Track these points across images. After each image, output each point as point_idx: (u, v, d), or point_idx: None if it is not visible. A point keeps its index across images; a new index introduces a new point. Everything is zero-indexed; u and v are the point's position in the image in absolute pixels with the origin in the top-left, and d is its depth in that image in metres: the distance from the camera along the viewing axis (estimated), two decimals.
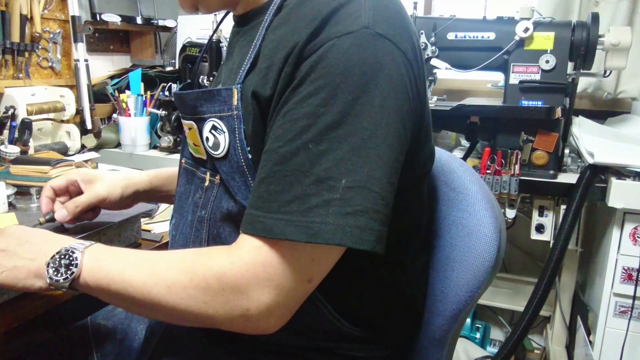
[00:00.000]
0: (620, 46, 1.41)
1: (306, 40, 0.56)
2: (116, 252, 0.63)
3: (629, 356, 1.42)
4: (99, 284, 0.61)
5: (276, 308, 0.56)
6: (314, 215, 0.53)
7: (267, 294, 0.55)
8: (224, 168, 0.65)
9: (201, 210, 0.70)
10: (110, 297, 0.61)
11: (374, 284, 0.69)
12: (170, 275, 0.58)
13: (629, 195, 1.31)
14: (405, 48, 0.58)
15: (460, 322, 0.74)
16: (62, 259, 0.62)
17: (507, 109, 1.48)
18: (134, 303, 0.60)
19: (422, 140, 0.65)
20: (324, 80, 0.54)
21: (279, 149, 0.56)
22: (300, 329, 0.67)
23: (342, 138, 0.54)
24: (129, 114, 1.77)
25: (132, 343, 0.81)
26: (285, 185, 0.54)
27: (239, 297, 0.55)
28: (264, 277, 0.54)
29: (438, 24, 1.53)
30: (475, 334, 1.97)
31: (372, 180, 0.54)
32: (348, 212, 0.53)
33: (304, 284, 0.56)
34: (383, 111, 0.55)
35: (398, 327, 0.74)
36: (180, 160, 0.80)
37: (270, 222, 0.54)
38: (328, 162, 0.53)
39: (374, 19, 0.56)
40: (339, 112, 0.54)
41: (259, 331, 0.57)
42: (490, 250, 0.69)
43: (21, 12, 1.56)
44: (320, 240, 0.52)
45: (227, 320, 0.57)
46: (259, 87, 0.60)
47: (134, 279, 0.59)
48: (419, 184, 0.70)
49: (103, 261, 0.62)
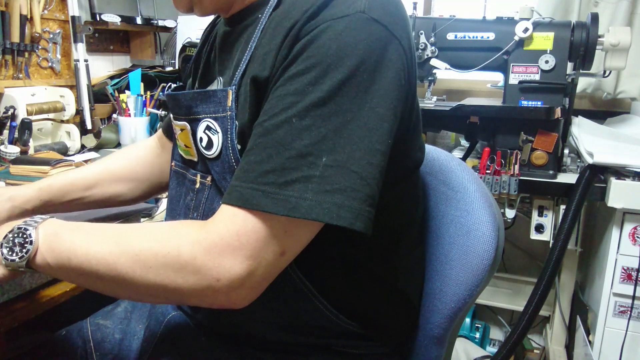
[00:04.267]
0: (619, 46, 1.41)
1: (302, 23, 0.57)
2: (78, 226, 0.60)
3: (628, 356, 1.42)
4: (59, 260, 0.58)
5: (247, 279, 0.54)
6: (292, 189, 0.53)
7: (239, 264, 0.54)
8: (217, 168, 0.65)
9: (193, 213, 0.70)
10: (72, 274, 0.58)
11: (368, 278, 0.69)
12: (140, 244, 0.56)
13: (628, 195, 1.31)
14: (399, 35, 0.59)
15: (459, 321, 0.74)
16: (16, 238, 0.59)
17: (506, 109, 1.48)
18: (98, 277, 0.57)
19: (412, 130, 0.65)
20: (316, 60, 0.55)
21: (264, 123, 0.56)
22: (297, 326, 0.68)
23: (326, 116, 0.54)
24: (129, 114, 1.77)
25: (131, 343, 0.81)
26: (265, 157, 0.55)
27: (210, 266, 0.54)
28: (237, 245, 0.54)
29: (438, 24, 1.54)
30: (474, 334, 1.97)
31: (352, 160, 0.54)
32: (327, 190, 0.53)
33: (277, 257, 0.56)
34: (370, 94, 0.55)
35: (394, 324, 0.74)
36: (171, 163, 0.80)
37: (246, 191, 0.54)
38: (310, 138, 0.54)
39: (370, 5, 0.57)
40: (326, 91, 0.54)
41: (228, 304, 0.56)
42: (489, 249, 0.69)
43: (21, 12, 1.56)
44: (297, 214, 0.53)
45: (196, 291, 0.55)
46: (258, 71, 0.60)
47: (99, 250, 0.56)
48: (410, 176, 0.70)
49: (62, 235, 0.59)
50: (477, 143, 1.65)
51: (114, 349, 0.81)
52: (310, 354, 0.70)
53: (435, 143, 1.94)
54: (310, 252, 0.59)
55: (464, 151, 1.67)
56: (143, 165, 0.95)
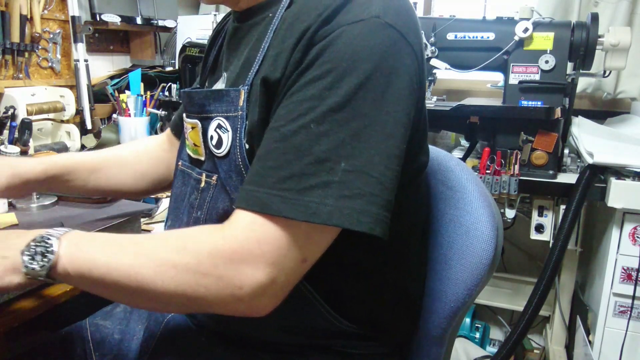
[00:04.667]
0: (619, 46, 1.41)
1: (317, 27, 0.57)
2: (98, 237, 0.60)
3: (628, 356, 1.42)
4: (80, 271, 0.57)
5: (269, 286, 0.54)
6: (311, 195, 0.53)
7: (261, 271, 0.53)
8: (224, 167, 0.65)
9: (197, 212, 0.70)
10: (92, 284, 0.58)
11: (372, 282, 0.69)
12: (159, 255, 0.55)
13: (628, 195, 1.31)
14: (412, 41, 0.59)
15: (458, 320, 0.74)
16: (38, 247, 0.58)
17: (506, 109, 1.48)
18: (119, 289, 0.56)
19: (420, 134, 0.66)
20: (332, 65, 0.55)
21: (281, 128, 0.56)
22: (298, 327, 0.68)
23: (343, 121, 0.54)
24: (129, 114, 1.77)
25: (130, 343, 0.81)
26: (283, 162, 0.54)
27: (232, 274, 0.53)
28: (258, 253, 0.53)
29: (438, 24, 1.53)
30: (474, 334, 1.97)
31: (371, 165, 0.54)
32: (346, 195, 0.53)
33: (299, 263, 0.55)
34: (386, 99, 0.56)
35: (396, 325, 0.74)
36: (177, 162, 0.80)
37: (264, 197, 0.54)
38: (328, 143, 0.54)
39: (385, 10, 0.57)
40: (343, 96, 0.54)
41: (251, 312, 0.56)
42: (488, 248, 0.69)
43: (21, 12, 1.56)
44: (318, 220, 0.52)
45: (219, 300, 0.55)
46: (269, 72, 0.60)
47: (119, 261, 0.56)
48: (416, 180, 0.70)
49: (83, 246, 0.58)
50: (477, 143, 1.65)
51: (113, 349, 0.81)
52: (309, 355, 0.70)
53: (435, 143, 1.94)
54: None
55: (464, 151, 1.67)
56: (150, 157, 0.95)
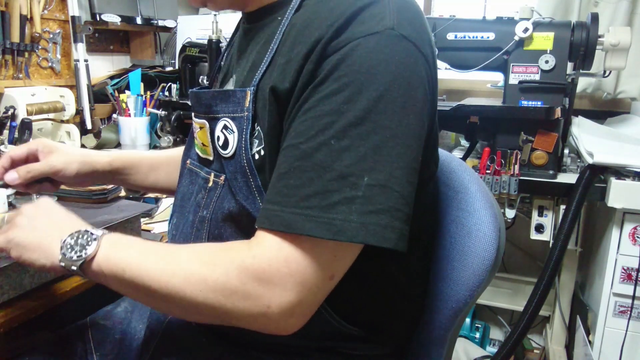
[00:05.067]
0: (619, 46, 1.41)
1: (329, 38, 0.56)
2: (135, 241, 0.62)
3: (628, 356, 1.42)
4: (113, 270, 0.59)
5: (298, 306, 0.54)
6: (336, 212, 0.52)
7: (289, 291, 0.54)
8: (230, 167, 0.65)
9: (203, 210, 0.70)
10: (123, 285, 0.60)
11: (377, 286, 0.68)
12: (190, 266, 0.56)
13: (628, 195, 1.31)
14: (426, 52, 0.59)
15: (459, 321, 0.74)
16: (80, 238, 0.61)
17: (506, 109, 1.48)
18: (149, 293, 0.58)
19: (432, 143, 0.65)
20: (349, 79, 0.54)
21: (301, 145, 0.55)
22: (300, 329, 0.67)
23: (364, 135, 0.54)
24: (129, 114, 1.77)
25: (131, 343, 0.81)
26: (306, 180, 0.54)
27: (260, 293, 0.54)
28: (287, 272, 0.53)
29: (438, 24, 1.53)
30: (474, 334, 1.97)
31: (393, 179, 0.54)
32: (371, 211, 0.53)
33: (327, 281, 0.56)
34: (405, 111, 0.55)
35: (398, 326, 0.74)
36: (185, 161, 0.80)
37: (288, 216, 0.54)
38: (350, 158, 0.53)
39: (399, 21, 0.57)
40: (362, 110, 0.54)
41: (278, 331, 0.56)
42: (490, 249, 0.69)
43: (21, 12, 1.56)
44: (343, 238, 0.52)
45: (246, 316, 0.55)
46: (278, 82, 0.60)
47: (152, 267, 0.57)
48: (425, 187, 0.70)
49: (120, 247, 0.60)
50: (477, 143, 1.65)
51: (114, 349, 0.81)
52: (310, 356, 0.70)
53: None
54: None
55: (464, 151, 1.67)
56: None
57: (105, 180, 0.92)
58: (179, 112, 1.75)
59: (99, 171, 0.88)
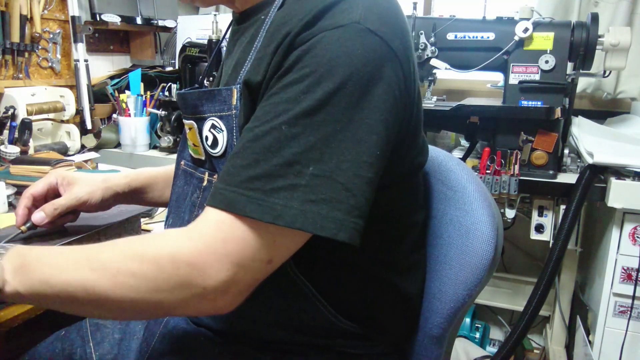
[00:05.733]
0: (619, 46, 1.41)
1: (298, 32, 0.57)
2: (46, 253, 0.59)
3: (628, 356, 1.42)
4: (33, 291, 0.56)
5: (233, 285, 0.54)
6: (278, 197, 0.53)
7: (225, 271, 0.53)
8: (222, 166, 0.65)
9: (198, 210, 0.70)
10: (49, 302, 0.57)
11: (369, 280, 0.69)
12: (115, 265, 0.54)
13: (628, 195, 1.31)
14: (395, 46, 0.58)
15: (458, 321, 0.74)
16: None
17: (506, 109, 1.48)
18: (77, 303, 0.56)
19: (410, 136, 0.65)
20: (310, 69, 0.55)
21: (255, 129, 0.56)
22: (297, 326, 0.68)
23: (315, 125, 0.54)
24: (129, 114, 1.77)
25: (130, 343, 0.81)
26: (252, 162, 0.54)
27: (194, 276, 0.53)
28: (223, 252, 0.53)
29: (438, 24, 1.53)
30: (474, 334, 1.97)
31: (339, 171, 0.54)
32: (311, 200, 0.53)
33: (263, 264, 0.55)
34: (359, 106, 0.55)
35: (395, 324, 0.74)
36: (180, 162, 0.80)
37: (231, 195, 0.54)
38: (298, 146, 0.54)
39: (366, 16, 0.57)
40: (317, 100, 0.54)
41: (214, 310, 0.56)
42: (488, 249, 0.69)
43: (21, 12, 1.56)
44: (282, 222, 0.52)
45: (182, 302, 0.54)
46: (251, 75, 0.60)
47: (73, 276, 0.55)
48: (410, 179, 0.70)
49: (31, 265, 0.57)
50: (477, 143, 1.65)
51: (113, 348, 0.81)
52: (309, 354, 0.70)
53: (435, 143, 1.94)
54: (311, 254, 0.59)
55: (464, 151, 1.67)
56: None
57: (125, 202, 0.91)
58: (179, 112, 1.75)
59: (119, 194, 0.87)
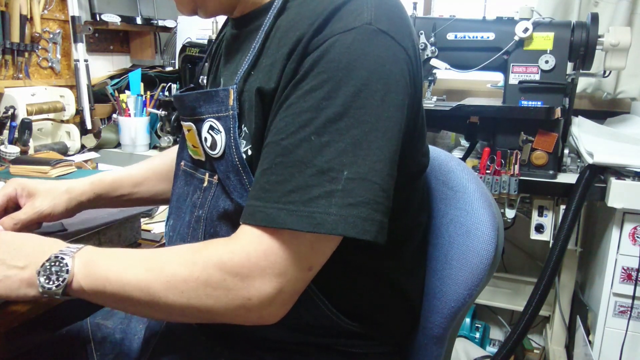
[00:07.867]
0: (619, 46, 1.41)
1: (310, 37, 0.57)
2: (110, 253, 0.62)
3: (628, 356, 1.42)
4: (94, 287, 0.59)
5: (277, 296, 0.56)
6: (316, 205, 0.53)
7: (268, 282, 0.55)
8: (221, 167, 0.66)
9: (199, 210, 0.70)
10: (107, 299, 0.60)
11: (371, 280, 0.69)
12: (168, 270, 0.57)
13: (628, 195, 1.31)
14: (406, 45, 0.59)
15: (458, 320, 0.74)
16: (52, 266, 0.60)
17: (506, 109, 1.48)
18: (133, 302, 0.59)
19: (417, 136, 0.66)
20: (327, 75, 0.55)
21: (282, 142, 0.56)
22: (299, 325, 0.68)
23: (343, 130, 0.55)
24: (129, 114, 1.77)
25: (131, 343, 0.81)
26: (287, 176, 0.55)
27: (240, 287, 0.55)
28: (266, 265, 0.55)
29: (438, 24, 1.53)
30: (474, 334, 1.97)
31: (373, 172, 0.55)
32: (350, 203, 0.53)
33: (305, 272, 0.57)
34: (384, 105, 0.56)
35: (396, 324, 0.74)
36: (179, 163, 0.80)
37: (271, 211, 0.55)
38: (330, 153, 0.54)
39: (376, 16, 0.57)
40: (341, 105, 0.55)
41: (261, 321, 0.57)
42: (488, 249, 0.69)
43: (21, 12, 1.56)
44: (323, 230, 0.53)
45: (228, 311, 0.56)
46: (264, 83, 0.61)
47: (131, 277, 0.58)
48: (416, 181, 0.71)
49: (96, 263, 0.60)
50: (477, 143, 1.65)
51: (114, 348, 0.81)
52: (310, 353, 0.70)
53: (435, 143, 1.94)
54: None
55: (464, 151, 1.67)
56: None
57: (92, 207, 0.88)
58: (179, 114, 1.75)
59: (84, 202, 0.85)
